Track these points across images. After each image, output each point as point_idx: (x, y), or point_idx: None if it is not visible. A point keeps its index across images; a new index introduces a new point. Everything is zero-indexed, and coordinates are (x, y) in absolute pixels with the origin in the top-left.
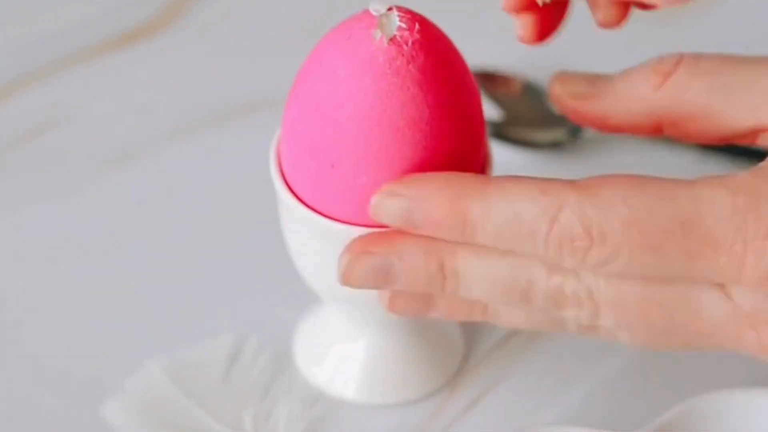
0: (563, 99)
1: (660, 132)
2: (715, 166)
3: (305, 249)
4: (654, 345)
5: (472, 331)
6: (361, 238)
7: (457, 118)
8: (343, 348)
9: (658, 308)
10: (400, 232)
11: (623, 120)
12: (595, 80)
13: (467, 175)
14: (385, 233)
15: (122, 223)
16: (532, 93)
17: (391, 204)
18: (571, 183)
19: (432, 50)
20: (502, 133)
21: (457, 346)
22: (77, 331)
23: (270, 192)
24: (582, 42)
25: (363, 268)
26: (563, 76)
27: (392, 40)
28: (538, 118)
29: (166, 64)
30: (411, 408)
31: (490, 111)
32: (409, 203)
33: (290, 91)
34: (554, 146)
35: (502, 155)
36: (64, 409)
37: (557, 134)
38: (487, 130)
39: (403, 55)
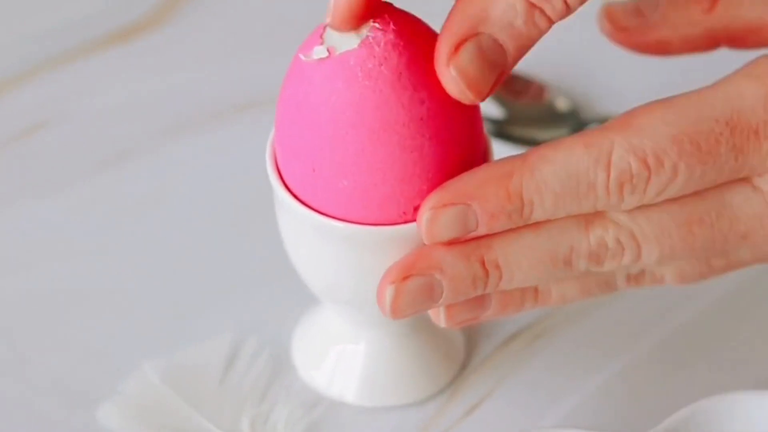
0: (617, 35)
1: (717, 47)
2: None
3: (302, 247)
4: (698, 273)
5: (472, 334)
6: (394, 267)
7: (440, 115)
8: (343, 349)
9: (699, 223)
10: (429, 248)
11: (683, 45)
12: (643, 9)
13: (500, 161)
14: (414, 254)
15: (117, 223)
16: (534, 91)
17: (444, 217)
18: (607, 126)
19: (409, 49)
20: (504, 131)
21: (458, 347)
22: (71, 332)
23: (267, 191)
24: (584, 39)
25: (410, 294)
26: (610, 12)
27: (364, 41)
28: (541, 117)
29: (161, 61)
30: (411, 410)
31: (492, 109)
32: (460, 208)
33: (279, 92)
34: None
35: (505, 154)
36: (58, 412)
37: (560, 132)
38: (488, 127)
39: (374, 57)
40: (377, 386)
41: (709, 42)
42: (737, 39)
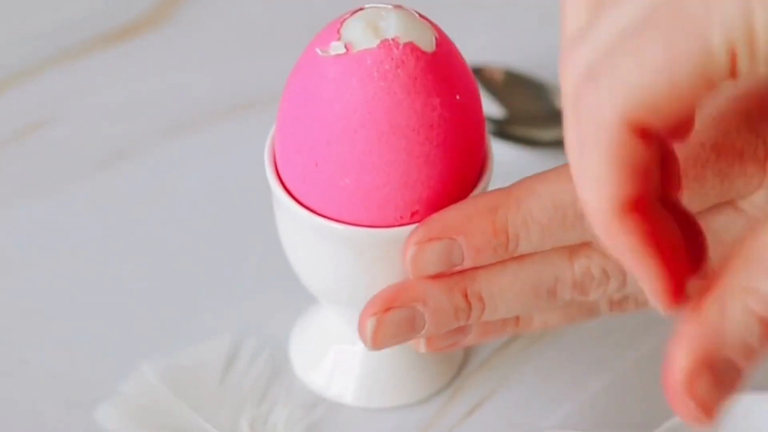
0: None
1: None
2: None
3: (301, 248)
4: None
5: None
6: (377, 298)
7: (449, 124)
8: (341, 350)
9: None
10: (411, 281)
11: None
12: None
13: (486, 194)
14: (397, 286)
15: (117, 223)
16: (535, 90)
17: (430, 251)
18: None
19: (427, 55)
20: (504, 131)
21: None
22: (71, 332)
23: (267, 191)
24: None
25: (391, 325)
26: None
27: (383, 42)
28: (542, 116)
29: (158, 61)
30: (410, 411)
31: (493, 109)
32: (446, 242)
33: (285, 84)
34: (558, 144)
35: (505, 154)
36: (56, 413)
37: (561, 132)
38: (489, 127)
39: (392, 59)
40: (376, 387)
41: None
42: None
